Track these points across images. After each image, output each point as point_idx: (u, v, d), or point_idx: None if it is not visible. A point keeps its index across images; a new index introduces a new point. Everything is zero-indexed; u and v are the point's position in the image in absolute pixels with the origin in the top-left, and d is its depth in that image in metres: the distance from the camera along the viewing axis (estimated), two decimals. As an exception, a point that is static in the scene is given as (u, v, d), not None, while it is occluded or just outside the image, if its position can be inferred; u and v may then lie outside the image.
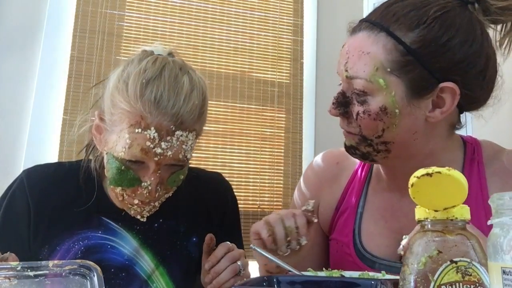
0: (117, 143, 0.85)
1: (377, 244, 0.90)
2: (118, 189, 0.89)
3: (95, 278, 0.58)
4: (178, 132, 0.84)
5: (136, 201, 0.90)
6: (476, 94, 0.83)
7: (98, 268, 0.59)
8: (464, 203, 0.83)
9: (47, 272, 0.58)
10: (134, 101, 0.83)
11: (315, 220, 0.81)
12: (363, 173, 0.97)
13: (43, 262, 0.59)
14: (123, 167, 0.86)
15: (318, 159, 1.05)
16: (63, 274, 0.58)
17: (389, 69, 0.78)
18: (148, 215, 0.93)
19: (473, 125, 2.41)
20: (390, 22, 0.79)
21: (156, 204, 0.92)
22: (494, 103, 0.86)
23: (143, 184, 0.86)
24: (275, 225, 0.78)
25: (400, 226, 0.88)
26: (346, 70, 0.81)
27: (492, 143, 0.92)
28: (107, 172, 0.91)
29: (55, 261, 0.60)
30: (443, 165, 0.87)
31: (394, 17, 0.79)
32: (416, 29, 0.77)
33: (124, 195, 0.90)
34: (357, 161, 0.98)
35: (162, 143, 0.82)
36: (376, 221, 0.92)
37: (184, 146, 0.86)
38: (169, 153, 0.84)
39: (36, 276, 0.58)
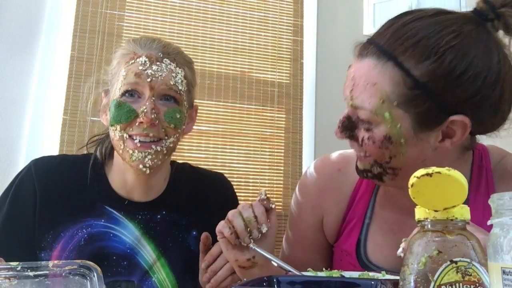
0: (117, 84, 0.94)
1: (384, 255, 0.88)
2: (118, 131, 0.92)
3: (95, 278, 0.58)
4: (166, 60, 0.95)
5: (136, 141, 0.91)
6: (487, 124, 0.79)
7: (98, 268, 0.59)
8: (472, 209, 0.82)
9: (47, 272, 0.58)
10: (128, 45, 0.98)
11: (273, 206, 0.83)
12: (370, 182, 0.94)
13: (43, 262, 0.59)
14: (120, 101, 0.92)
15: (316, 167, 1.00)
16: (63, 274, 0.58)
17: (395, 103, 0.74)
18: (151, 164, 0.93)
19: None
20: (399, 51, 0.74)
21: (158, 148, 0.93)
22: (509, 127, 0.82)
23: (140, 111, 0.92)
24: (234, 219, 0.80)
25: None
26: (352, 99, 0.78)
27: (499, 149, 0.90)
28: (109, 119, 0.95)
29: (55, 261, 0.60)
30: None
31: (403, 46, 0.74)
32: (426, 61, 0.72)
33: (124, 137, 0.92)
34: None
35: (153, 66, 0.93)
36: (384, 233, 0.90)
37: (173, 75, 0.95)
38: (159, 74, 0.93)
39: (36, 276, 0.58)
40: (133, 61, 0.94)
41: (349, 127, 0.80)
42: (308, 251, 1.00)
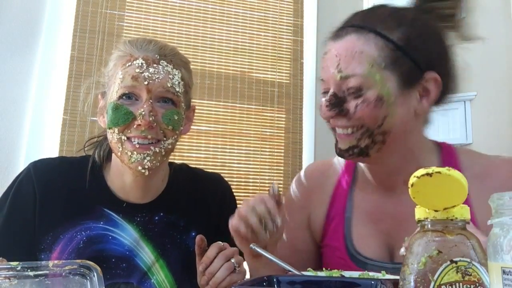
0: (114, 87, 0.94)
1: (368, 246, 0.93)
2: (116, 134, 0.92)
3: (95, 278, 0.58)
4: (163, 62, 0.95)
5: (135, 142, 0.92)
6: (450, 85, 0.92)
7: (98, 268, 0.59)
8: None
9: (47, 272, 0.58)
10: (124, 47, 0.98)
11: (283, 201, 0.86)
12: (347, 179, 1.02)
13: (43, 262, 0.59)
14: (117, 104, 0.92)
15: (304, 171, 1.11)
16: (63, 274, 0.58)
17: (383, 65, 0.84)
18: (150, 166, 0.93)
19: (473, 126, 2.42)
20: (376, 23, 0.87)
21: (156, 150, 0.93)
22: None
23: (137, 113, 0.92)
24: (248, 214, 0.81)
25: (387, 227, 0.93)
26: (340, 72, 0.85)
27: (468, 149, 1.00)
28: (106, 122, 0.95)
29: (55, 261, 0.60)
30: (421, 166, 0.92)
31: (378, 19, 0.87)
32: (399, 28, 0.86)
33: (122, 139, 0.92)
34: (340, 169, 1.04)
35: (150, 68, 0.93)
36: (365, 224, 0.96)
37: (170, 77, 0.95)
38: (156, 76, 0.93)
39: (36, 276, 0.58)
40: (129, 63, 0.93)
41: (337, 103, 0.86)
42: (297, 251, 1.03)
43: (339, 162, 1.06)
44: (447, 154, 0.95)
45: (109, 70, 0.99)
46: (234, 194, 1.16)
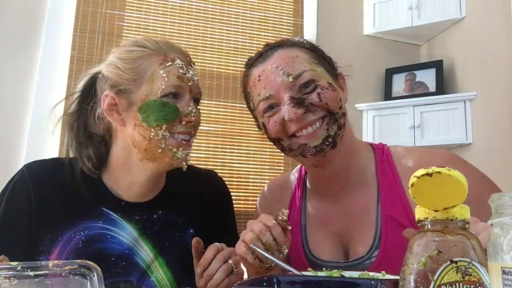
0: (153, 85, 0.94)
1: (322, 249, 0.99)
2: (162, 130, 0.93)
3: (95, 278, 0.58)
4: (193, 65, 1.01)
5: (180, 138, 0.94)
6: None
7: (98, 268, 0.59)
8: (382, 195, 0.95)
9: (47, 272, 0.58)
10: (154, 44, 0.99)
11: (290, 228, 0.84)
12: (299, 191, 1.08)
13: (43, 262, 0.59)
14: (164, 101, 0.94)
15: (267, 185, 1.18)
16: (63, 274, 0.58)
17: (316, 62, 0.95)
18: (189, 161, 0.98)
19: (473, 126, 2.41)
20: (291, 41, 0.99)
21: (191, 145, 0.99)
22: None
23: (187, 111, 0.95)
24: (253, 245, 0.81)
25: (337, 229, 0.99)
26: (290, 74, 0.92)
27: (399, 147, 1.05)
28: (151, 119, 0.93)
29: (55, 261, 0.60)
30: (360, 164, 0.99)
31: (289, 40, 1.01)
32: (306, 43, 1.00)
33: (167, 135, 0.93)
34: (295, 181, 1.10)
35: (189, 70, 0.98)
36: (318, 229, 1.02)
37: (198, 79, 1.01)
38: (195, 78, 0.99)
39: (36, 276, 0.58)
40: (170, 63, 0.95)
41: (300, 102, 0.91)
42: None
43: (294, 176, 1.11)
44: (381, 153, 1.02)
45: (134, 67, 0.96)
46: (234, 194, 1.17)
